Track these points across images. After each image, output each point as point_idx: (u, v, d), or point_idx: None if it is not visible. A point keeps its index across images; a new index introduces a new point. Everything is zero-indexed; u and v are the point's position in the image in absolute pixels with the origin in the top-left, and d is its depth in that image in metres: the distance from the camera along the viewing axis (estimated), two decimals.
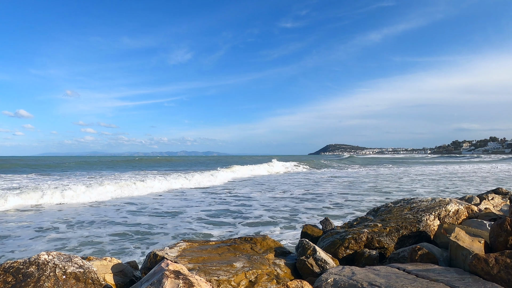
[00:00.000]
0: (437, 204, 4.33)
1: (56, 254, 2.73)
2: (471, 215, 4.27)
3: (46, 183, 17.09)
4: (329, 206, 9.86)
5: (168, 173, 22.97)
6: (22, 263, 2.55)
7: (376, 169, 33.27)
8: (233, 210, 9.57)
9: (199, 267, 2.92)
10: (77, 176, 23.24)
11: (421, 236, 3.85)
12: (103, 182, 15.48)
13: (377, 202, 10.29)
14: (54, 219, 8.40)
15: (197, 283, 2.23)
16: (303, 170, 32.77)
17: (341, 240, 3.76)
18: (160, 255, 3.20)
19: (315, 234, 4.55)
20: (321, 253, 3.33)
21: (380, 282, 2.44)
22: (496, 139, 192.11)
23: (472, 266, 2.51)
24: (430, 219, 4.01)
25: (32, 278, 2.41)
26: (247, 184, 17.81)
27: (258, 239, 3.89)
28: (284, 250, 3.78)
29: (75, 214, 9.05)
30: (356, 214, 8.39)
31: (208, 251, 3.52)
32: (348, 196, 12.09)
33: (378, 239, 3.76)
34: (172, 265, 2.40)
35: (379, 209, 4.89)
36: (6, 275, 2.44)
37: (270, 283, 2.94)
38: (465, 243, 2.97)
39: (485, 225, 3.62)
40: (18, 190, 12.36)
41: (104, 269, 2.96)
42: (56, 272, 2.50)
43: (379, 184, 16.56)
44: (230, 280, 2.78)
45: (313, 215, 8.50)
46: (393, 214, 4.39)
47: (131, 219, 8.35)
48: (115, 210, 9.65)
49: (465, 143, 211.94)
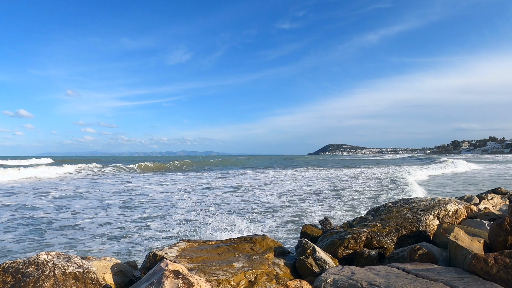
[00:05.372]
0: (436, 204, 4.33)
1: (55, 254, 2.73)
2: (470, 215, 4.28)
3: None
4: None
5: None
6: (21, 263, 2.54)
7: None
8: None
9: (198, 267, 2.92)
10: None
11: (420, 236, 3.85)
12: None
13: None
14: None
15: (196, 283, 2.23)
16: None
17: (341, 240, 3.76)
18: (159, 255, 3.20)
19: (314, 234, 4.56)
20: (320, 253, 3.33)
21: (380, 282, 2.44)
22: (496, 139, 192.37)
23: (471, 265, 2.51)
24: (429, 219, 4.01)
25: (32, 278, 2.41)
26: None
27: (258, 239, 3.89)
28: (283, 250, 3.78)
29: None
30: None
31: (207, 251, 3.52)
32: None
33: (378, 239, 3.76)
34: (171, 265, 2.39)
35: (378, 209, 4.90)
36: (6, 275, 2.43)
37: (269, 283, 2.94)
38: (464, 242, 2.97)
39: (484, 225, 3.62)
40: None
41: (103, 269, 2.95)
42: (56, 272, 2.50)
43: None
44: (230, 280, 2.77)
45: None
46: (393, 214, 4.39)
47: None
48: None
49: (464, 143, 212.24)
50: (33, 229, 7.25)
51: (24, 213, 8.89)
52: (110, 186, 16.46)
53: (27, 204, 10.52)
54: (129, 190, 14.65)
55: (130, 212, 9.30)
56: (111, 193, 13.58)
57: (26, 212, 9.05)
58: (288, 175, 23.47)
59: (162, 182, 18.83)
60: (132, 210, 9.63)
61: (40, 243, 6.27)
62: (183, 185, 16.68)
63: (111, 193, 13.42)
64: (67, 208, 9.80)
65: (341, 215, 8.59)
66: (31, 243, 6.27)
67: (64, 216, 8.65)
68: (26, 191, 13.92)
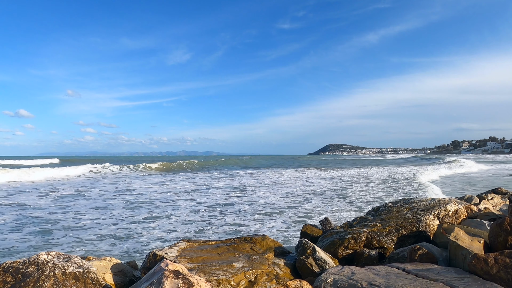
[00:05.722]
0: (436, 204, 4.33)
1: (55, 254, 2.73)
2: (470, 215, 4.27)
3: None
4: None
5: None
6: (21, 263, 2.55)
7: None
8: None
9: (198, 267, 2.92)
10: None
11: (420, 236, 3.85)
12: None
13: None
14: None
15: (196, 283, 2.23)
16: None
17: (341, 240, 3.76)
18: (159, 255, 3.20)
19: (314, 234, 4.56)
20: (320, 253, 3.33)
21: (380, 282, 2.44)
22: (496, 139, 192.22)
23: (471, 266, 2.51)
24: (429, 219, 4.01)
25: (32, 278, 2.41)
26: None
27: (258, 239, 3.89)
28: (283, 250, 3.78)
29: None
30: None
31: (207, 251, 3.53)
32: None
33: (378, 239, 3.76)
34: (171, 265, 2.40)
35: (378, 209, 4.90)
36: (6, 275, 2.44)
37: (269, 283, 2.94)
38: (464, 243, 2.97)
39: (484, 225, 3.62)
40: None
41: (103, 269, 2.96)
42: (56, 272, 2.50)
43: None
44: (230, 280, 2.78)
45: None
46: (393, 214, 4.39)
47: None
48: None
49: (464, 143, 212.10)
50: (57, 229, 7.22)
51: (52, 216, 8.69)
52: (143, 186, 16.36)
53: (63, 204, 10.50)
54: (162, 190, 14.64)
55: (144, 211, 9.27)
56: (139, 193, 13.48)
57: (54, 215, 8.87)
58: (296, 175, 23.25)
59: (186, 180, 19.25)
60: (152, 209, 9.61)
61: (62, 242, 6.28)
62: (188, 185, 16.68)
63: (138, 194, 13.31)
64: (107, 210, 9.62)
65: (348, 216, 8.50)
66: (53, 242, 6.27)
67: (97, 218, 8.53)
68: (59, 191, 13.82)
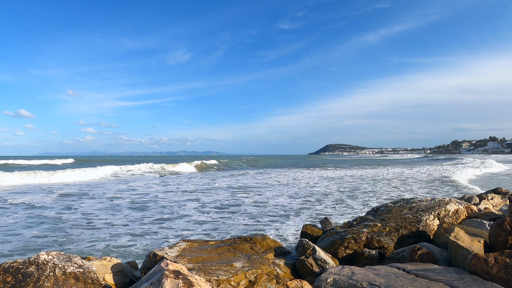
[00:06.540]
0: (436, 204, 4.33)
1: (55, 254, 2.73)
2: (470, 214, 4.27)
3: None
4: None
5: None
6: (21, 263, 2.55)
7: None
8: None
9: (198, 267, 2.93)
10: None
11: (420, 236, 3.85)
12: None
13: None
14: None
15: (196, 283, 2.23)
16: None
17: (341, 240, 3.76)
18: (159, 255, 3.20)
19: (314, 234, 4.56)
20: (320, 253, 3.33)
21: (380, 282, 2.44)
22: (496, 139, 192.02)
23: (471, 265, 2.51)
24: (429, 219, 4.01)
25: (32, 278, 2.41)
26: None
27: (258, 239, 3.89)
28: (283, 250, 3.78)
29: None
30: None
31: (207, 251, 3.53)
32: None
33: (378, 239, 3.76)
34: (171, 265, 2.40)
35: (378, 209, 4.90)
36: (6, 275, 2.44)
37: (269, 283, 2.94)
38: (464, 242, 2.97)
39: (484, 225, 3.62)
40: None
41: (103, 269, 2.96)
42: (56, 272, 2.50)
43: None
44: (230, 280, 2.78)
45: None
46: (393, 214, 4.39)
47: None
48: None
49: (464, 143, 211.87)
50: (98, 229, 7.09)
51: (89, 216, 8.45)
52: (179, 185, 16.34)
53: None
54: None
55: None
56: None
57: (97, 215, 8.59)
58: (304, 176, 22.85)
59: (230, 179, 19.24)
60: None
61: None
62: (192, 185, 16.64)
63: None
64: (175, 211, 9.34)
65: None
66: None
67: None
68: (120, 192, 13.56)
